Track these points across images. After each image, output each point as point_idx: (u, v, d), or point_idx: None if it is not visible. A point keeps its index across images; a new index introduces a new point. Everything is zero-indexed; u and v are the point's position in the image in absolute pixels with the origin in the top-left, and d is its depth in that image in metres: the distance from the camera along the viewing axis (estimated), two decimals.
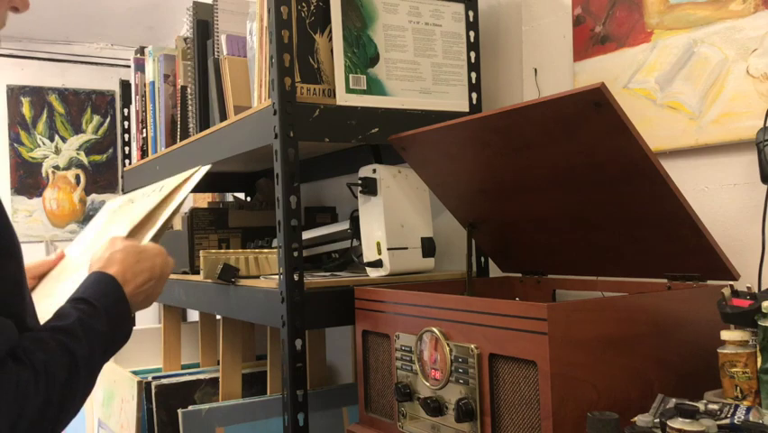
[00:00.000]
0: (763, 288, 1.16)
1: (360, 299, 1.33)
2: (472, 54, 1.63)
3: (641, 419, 0.86)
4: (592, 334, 0.96)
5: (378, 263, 1.51)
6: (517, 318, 0.97)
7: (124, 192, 2.71)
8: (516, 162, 1.26)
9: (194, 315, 2.72)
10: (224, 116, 1.80)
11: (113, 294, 0.98)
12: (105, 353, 0.94)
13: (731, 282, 1.05)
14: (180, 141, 2.06)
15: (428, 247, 1.57)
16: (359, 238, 1.60)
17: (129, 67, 2.58)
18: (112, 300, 0.98)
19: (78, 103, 4.95)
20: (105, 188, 5.09)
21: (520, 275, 1.52)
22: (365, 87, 1.48)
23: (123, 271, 1.00)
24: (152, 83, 2.31)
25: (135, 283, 1.01)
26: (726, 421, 0.84)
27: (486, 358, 1.03)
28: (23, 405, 0.80)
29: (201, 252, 1.65)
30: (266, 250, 1.69)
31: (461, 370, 1.07)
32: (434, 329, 1.12)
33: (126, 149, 2.76)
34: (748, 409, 0.86)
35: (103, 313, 0.94)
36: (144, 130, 2.42)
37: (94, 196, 5.07)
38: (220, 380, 1.89)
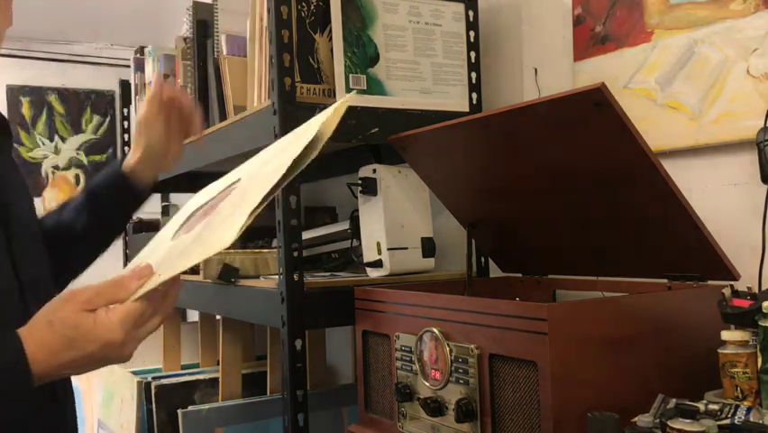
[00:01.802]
0: (763, 288, 1.16)
1: (360, 299, 1.33)
2: (472, 54, 1.63)
3: (641, 420, 0.86)
4: (592, 334, 0.96)
5: (378, 263, 1.51)
6: (517, 318, 0.97)
7: None
8: (516, 162, 1.25)
9: (194, 315, 2.72)
10: (223, 116, 1.80)
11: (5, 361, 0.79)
12: None
13: (731, 282, 1.05)
14: None
15: (428, 247, 1.57)
16: (359, 238, 1.59)
17: (129, 67, 2.58)
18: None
19: (78, 103, 4.95)
20: None
21: (520, 275, 1.52)
22: (365, 87, 1.47)
23: (42, 351, 0.79)
24: (152, 83, 2.31)
25: (53, 364, 0.80)
26: (727, 422, 0.84)
27: (486, 358, 1.03)
28: None
29: None
30: (266, 250, 1.69)
31: (461, 370, 1.07)
32: (434, 329, 1.12)
33: (126, 149, 2.76)
34: (749, 410, 0.86)
35: None
36: None
37: None
38: (220, 380, 1.89)
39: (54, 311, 0.80)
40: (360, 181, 1.53)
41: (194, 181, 2.55)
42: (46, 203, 4.78)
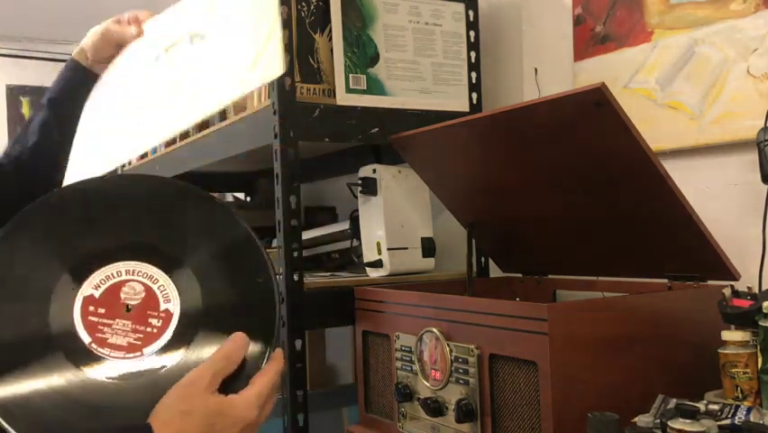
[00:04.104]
0: (763, 288, 1.16)
1: (360, 300, 1.33)
2: (472, 54, 1.63)
3: (641, 420, 0.86)
4: (592, 334, 0.96)
5: (378, 263, 1.51)
6: (518, 319, 0.97)
7: None
8: (516, 162, 1.25)
9: None
10: (223, 116, 1.80)
11: None
12: None
13: (732, 282, 1.05)
14: (180, 141, 2.05)
15: (428, 247, 1.57)
16: (359, 238, 1.59)
17: None
18: None
19: None
20: None
21: (520, 275, 1.52)
22: (365, 87, 1.47)
23: None
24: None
25: None
26: (727, 422, 0.84)
27: (486, 358, 1.03)
28: None
29: None
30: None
31: (461, 370, 1.07)
32: (434, 329, 1.12)
33: None
34: (749, 410, 0.86)
35: None
36: None
37: None
38: None
39: (184, 400, 0.74)
40: (360, 181, 1.53)
41: (194, 181, 2.56)
42: None
